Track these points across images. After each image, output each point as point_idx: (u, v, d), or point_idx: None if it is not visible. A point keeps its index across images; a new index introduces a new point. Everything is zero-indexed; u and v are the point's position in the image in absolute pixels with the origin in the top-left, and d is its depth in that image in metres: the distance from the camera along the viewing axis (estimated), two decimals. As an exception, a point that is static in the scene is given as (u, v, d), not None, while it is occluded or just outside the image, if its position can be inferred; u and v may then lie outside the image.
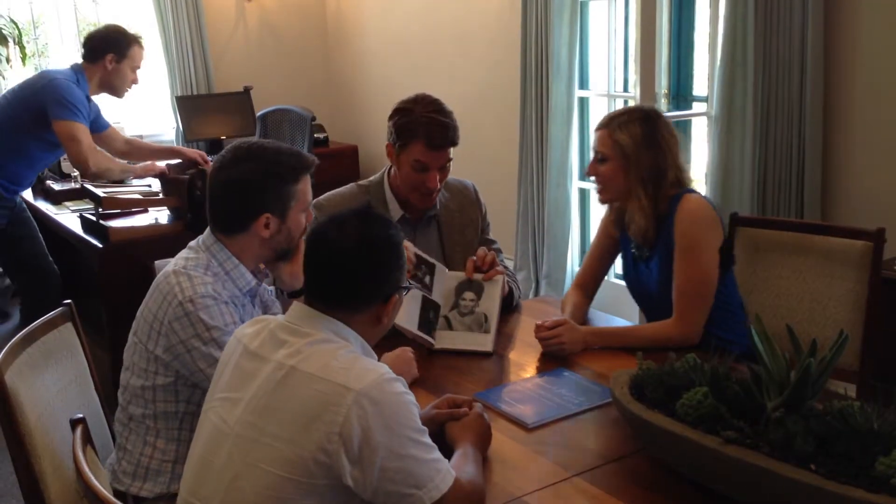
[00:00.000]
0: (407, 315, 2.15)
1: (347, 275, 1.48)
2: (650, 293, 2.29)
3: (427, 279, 2.25)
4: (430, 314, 2.21)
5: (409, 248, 2.22)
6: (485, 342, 2.21)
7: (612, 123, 2.20)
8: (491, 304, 2.26)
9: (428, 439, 1.41)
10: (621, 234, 2.35)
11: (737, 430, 1.37)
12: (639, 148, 2.15)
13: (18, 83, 3.76)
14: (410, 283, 1.83)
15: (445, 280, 2.29)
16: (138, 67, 3.81)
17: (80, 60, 3.74)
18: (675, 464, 1.53)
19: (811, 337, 1.55)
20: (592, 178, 2.27)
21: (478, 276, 2.30)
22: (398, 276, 1.54)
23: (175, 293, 1.82)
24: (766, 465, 1.31)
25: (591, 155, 2.26)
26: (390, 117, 2.38)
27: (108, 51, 3.68)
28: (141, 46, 3.79)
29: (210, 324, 1.81)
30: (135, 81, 3.84)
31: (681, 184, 2.21)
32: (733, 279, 2.28)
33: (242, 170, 1.89)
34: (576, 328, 2.14)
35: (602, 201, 2.30)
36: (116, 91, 3.82)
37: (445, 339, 2.22)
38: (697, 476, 1.49)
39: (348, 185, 2.48)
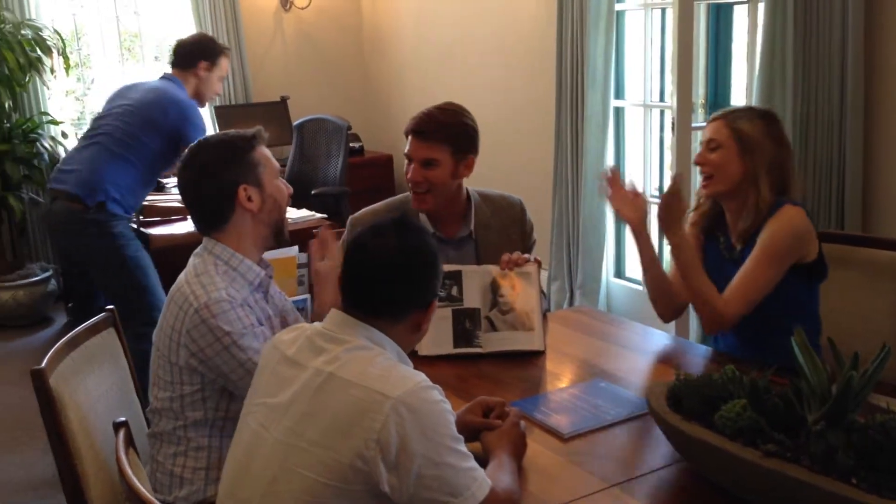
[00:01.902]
0: (436, 338, 2.13)
1: (386, 285, 1.49)
2: None
3: (455, 290, 2.21)
4: (465, 323, 2.18)
5: None
6: (532, 340, 2.18)
7: (730, 115, 2.16)
8: (530, 297, 2.21)
9: (464, 448, 1.41)
10: (707, 243, 2.28)
11: (777, 443, 1.36)
12: (763, 137, 2.11)
13: (122, 105, 3.52)
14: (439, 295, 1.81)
15: (478, 277, 2.22)
16: (224, 77, 3.77)
17: (168, 70, 3.65)
18: (713, 476, 1.52)
19: (853, 350, 1.53)
20: (699, 167, 2.20)
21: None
22: (436, 284, 1.55)
23: (190, 302, 1.82)
24: (806, 478, 1.30)
25: (699, 148, 2.21)
26: None
27: (201, 58, 3.60)
28: (228, 57, 3.74)
29: (227, 328, 1.81)
30: (218, 92, 3.78)
31: (788, 191, 2.16)
32: (817, 294, 2.21)
33: (200, 160, 1.93)
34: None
35: (708, 193, 2.20)
36: (202, 100, 3.68)
37: (493, 342, 2.18)
38: (735, 489, 1.47)
39: (381, 203, 2.46)
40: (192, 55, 3.60)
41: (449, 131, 2.29)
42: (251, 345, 1.82)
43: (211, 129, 5.70)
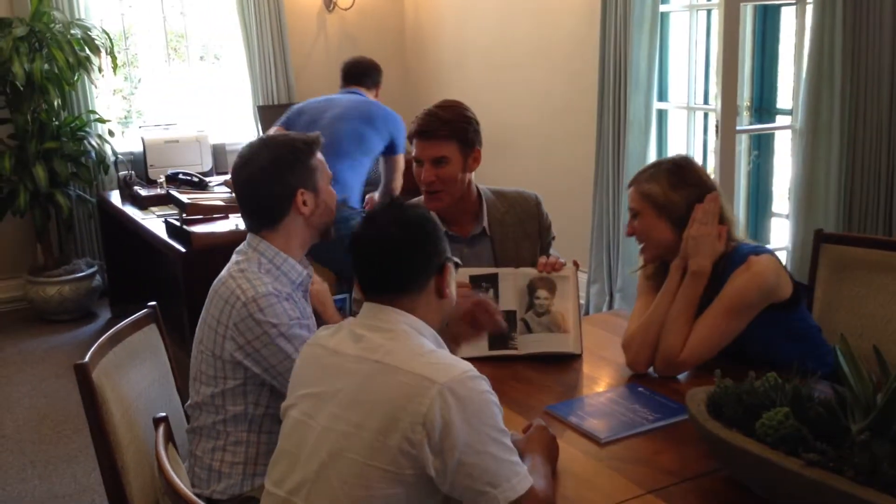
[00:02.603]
0: (475, 342, 2.12)
1: (395, 256, 1.54)
2: None
3: (491, 292, 2.21)
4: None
5: (461, 275, 2.18)
6: (568, 342, 2.17)
7: (639, 178, 2.14)
8: (567, 302, 2.20)
9: (509, 441, 1.42)
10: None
11: (819, 453, 1.33)
12: (671, 192, 2.07)
13: (338, 110, 4.01)
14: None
15: (514, 279, 2.23)
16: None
17: (349, 86, 4.19)
18: (753, 485, 1.49)
19: (900, 359, 1.50)
20: (633, 237, 2.18)
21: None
22: (442, 247, 1.59)
23: (237, 295, 1.84)
24: (850, 489, 1.27)
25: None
26: None
27: (380, 81, 4.28)
28: None
29: (275, 321, 1.83)
30: None
31: (729, 230, 2.09)
32: (805, 310, 2.16)
33: (261, 160, 1.93)
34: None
35: (647, 260, 2.19)
36: None
37: (529, 344, 2.18)
38: (776, 499, 1.44)
39: None
40: (376, 78, 4.28)
41: (453, 127, 2.31)
42: (299, 334, 1.86)
43: (254, 128, 5.77)
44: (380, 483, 1.38)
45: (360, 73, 4.25)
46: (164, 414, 1.61)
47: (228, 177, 3.98)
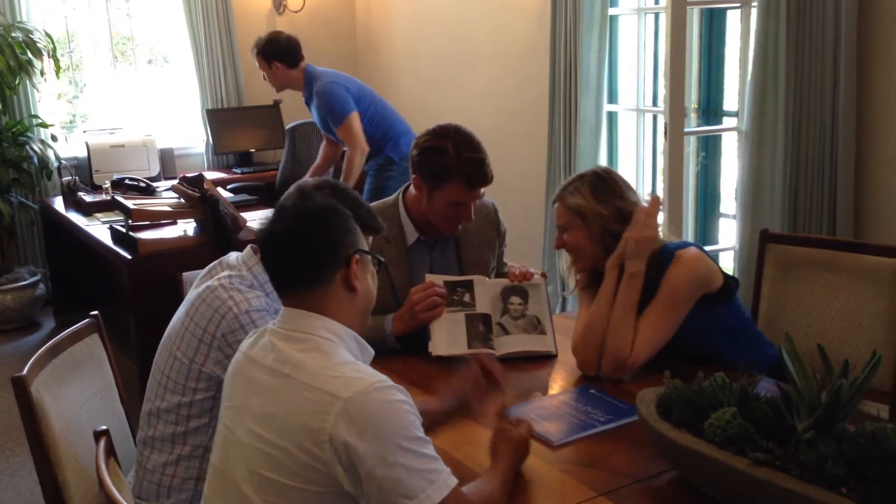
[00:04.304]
0: (450, 339, 2.18)
1: (294, 252, 1.48)
2: None
3: (467, 297, 2.26)
4: (480, 327, 2.22)
5: (437, 280, 2.26)
6: (546, 343, 2.23)
7: (563, 193, 2.16)
8: (540, 306, 2.27)
9: (425, 448, 1.36)
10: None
11: (766, 452, 1.34)
12: (593, 201, 2.10)
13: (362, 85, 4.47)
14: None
15: (489, 288, 2.28)
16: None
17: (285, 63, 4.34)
18: (702, 485, 1.50)
19: (843, 357, 1.52)
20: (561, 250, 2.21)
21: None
22: (351, 239, 1.53)
23: (229, 307, 1.83)
24: (796, 488, 1.28)
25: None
26: (420, 153, 2.32)
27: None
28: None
29: None
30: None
31: None
32: (738, 303, 2.19)
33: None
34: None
35: (580, 270, 2.21)
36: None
37: (506, 344, 2.22)
38: (725, 498, 1.46)
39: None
40: None
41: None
42: None
43: (202, 132, 5.69)
44: (298, 502, 1.34)
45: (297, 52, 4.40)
46: (104, 427, 1.57)
47: (177, 182, 3.92)
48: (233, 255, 2.00)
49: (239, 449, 1.42)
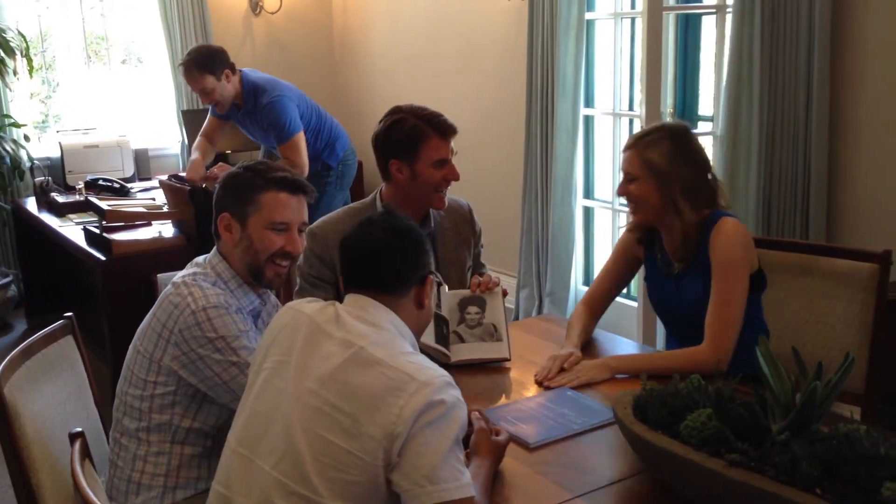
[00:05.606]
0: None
1: (386, 259, 1.60)
2: (681, 312, 2.24)
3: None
4: (443, 329, 2.22)
5: (451, 297, 2.28)
6: (501, 349, 2.24)
7: (640, 143, 2.16)
8: (496, 313, 2.28)
9: (461, 454, 1.45)
10: (647, 253, 2.31)
11: (741, 453, 1.36)
12: (672, 163, 2.12)
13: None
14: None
15: (447, 298, 2.30)
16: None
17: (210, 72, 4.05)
18: (679, 486, 1.51)
19: (817, 359, 1.53)
20: (624, 198, 2.23)
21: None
22: (428, 260, 1.65)
23: (188, 303, 1.84)
24: (771, 488, 1.29)
25: (621, 176, 2.21)
26: (386, 134, 2.33)
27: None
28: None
29: (223, 332, 1.83)
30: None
31: (715, 202, 2.18)
32: (761, 303, 2.23)
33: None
34: (594, 362, 2.10)
35: (638, 222, 2.24)
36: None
37: (462, 352, 2.23)
38: (700, 499, 1.47)
39: (338, 210, 2.46)
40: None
41: None
42: (245, 345, 1.85)
43: (178, 133, 5.64)
44: (350, 468, 1.40)
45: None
46: (80, 429, 1.55)
47: (154, 182, 3.87)
48: (201, 257, 2.01)
49: (294, 405, 1.47)
